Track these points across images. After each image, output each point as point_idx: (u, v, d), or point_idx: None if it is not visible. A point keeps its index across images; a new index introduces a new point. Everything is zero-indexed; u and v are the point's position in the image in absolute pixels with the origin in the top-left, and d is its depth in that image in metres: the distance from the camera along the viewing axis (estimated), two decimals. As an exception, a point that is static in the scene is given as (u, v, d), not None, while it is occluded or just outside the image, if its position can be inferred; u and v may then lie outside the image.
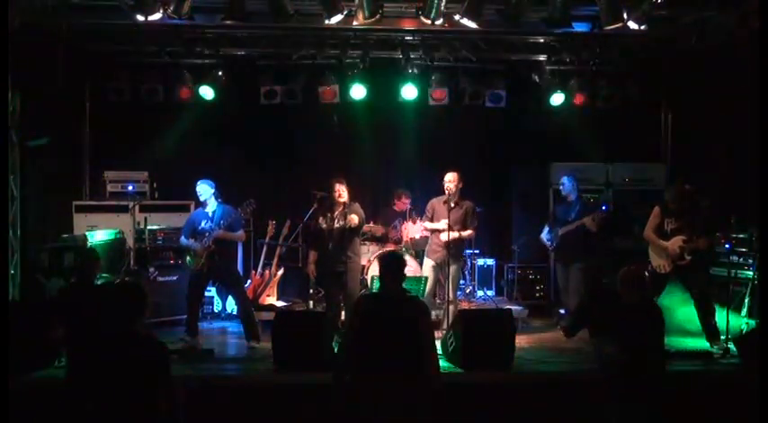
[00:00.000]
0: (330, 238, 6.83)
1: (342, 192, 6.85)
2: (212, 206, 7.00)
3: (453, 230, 7.20)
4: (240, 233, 7.09)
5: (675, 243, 6.78)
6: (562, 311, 7.94)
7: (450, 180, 7.35)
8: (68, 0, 7.01)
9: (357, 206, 6.94)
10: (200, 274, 6.98)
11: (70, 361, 4.94)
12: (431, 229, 7.50)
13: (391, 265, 4.48)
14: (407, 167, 9.58)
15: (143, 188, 8.73)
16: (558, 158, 9.16)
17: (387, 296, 4.48)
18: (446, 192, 7.33)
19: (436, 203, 7.53)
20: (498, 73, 8.82)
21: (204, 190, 6.99)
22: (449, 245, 7.19)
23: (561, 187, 7.87)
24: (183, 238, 7.09)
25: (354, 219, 6.72)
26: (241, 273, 8.10)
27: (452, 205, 7.32)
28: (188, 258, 7.07)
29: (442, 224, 7.28)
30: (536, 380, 5.94)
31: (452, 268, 7.20)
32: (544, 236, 7.93)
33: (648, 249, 7.09)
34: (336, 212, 6.86)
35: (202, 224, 6.94)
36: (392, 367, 4.16)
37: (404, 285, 4.56)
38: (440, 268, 7.36)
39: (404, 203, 8.84)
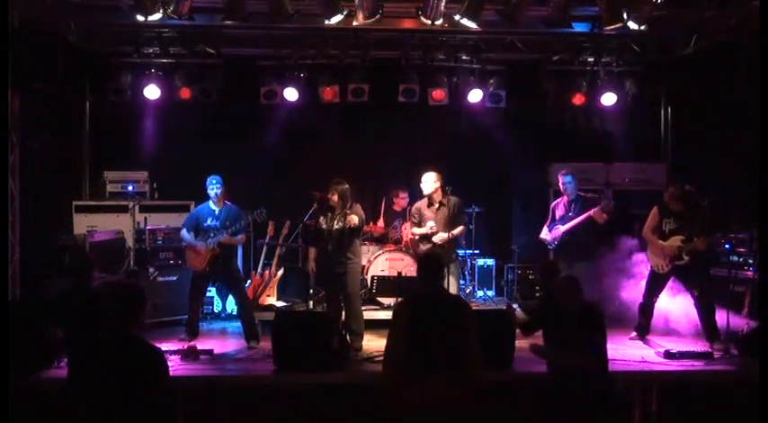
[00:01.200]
0: (330, 238, 6.82)
1: (331, 196, 6.84)
2: (220, 204, 6.99)
3: (442, 231, 7.20)
4: (241, 237, 7.09)
5: (674, 243, 6.77)
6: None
7: (425, 181, 7.34)
8: (68, 0, 7.01)
9: (358, 207, 6.93)
10: (202, 274, 6.98)
11: (69, 363, 4.94)
12: (419, 234, 7.49)
13: (432, 265, 4.55)
14: (407, 167, 9.57)
15: (143, 188, 8.73)
16: (558, 158, 9.16)
17: (429, 297, 4.49)
18: (423, 193, 7.34)
19: (421, 206, 7.52)
20: (498, 73, 8.83)
21: (218, 185, 6.95)
22: (444, 246, 7.18)
23: (568, 185, 7.74)
24: (184, 232, 7.05)
25: (354, 219, 6.71)
26: (241, 273, 8.10)
27: (437, 206, 7.33)
28: (189, 255, 7.07)
29: (429, 228, 7.29)
30: (536, 380, 5.92)
31: (450, 267, 7.19)
32: (544, 236, 7.92)
33: (647, 249, 7.09)
34: (336, 213, 6.86)
35: (208, 221, 6.92)
36: (439, 367, 4.16)
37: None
38: None
39: (402, 199, 8.86)
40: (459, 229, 7.39)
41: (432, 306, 4.38)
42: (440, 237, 7.24)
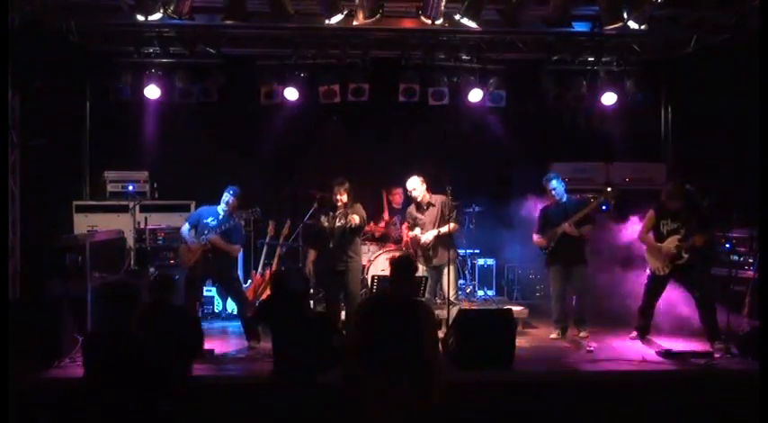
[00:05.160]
0: (331, 237, 6.83)
1: (340, 196, 6.85)
2: (228, 211, 7.00)
3: (432, 228, 7.20)
4: (236, 246, 7.06)
5: (671, 243, 6.75)
6: None
7: (412, 187, 7.30)
8: (69, 0, 7.02)
9: (359, 206, 6.94)
10: (194, 273, 6.98)
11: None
12: (412, 236, 7.51)
13: (405, 267, 4.53)
14: (407, 167, 9.55)
15: (143, 188, 8.73)
16: (558, 158, 9.15)
17: (392, 298, 4.49)
18: (412, 199, 7.34)
19: (412, 210, 7.51)
20: (498, 73, 8.83)
21: (230, 197, 6.95)
22: (427, 246, 7.19)
23: (554, 190, 7.37)
24: (185, 227, 7.07)
25: (355, 218, 6.73)
26: (241, 273, 8.10)
27: (424, 208, 7.31)
28: (182, 251, 7.09)
29: (419, 231, 7.29)
30: (536, 380, 5.93)
31: (450, 268, 7.17)
32: (538, 241, 7.55)
33: (645, 252, 7.05)
34: (338, 212, 6.87)
35: (208, 220, 6.95)
36: (395, 368, 4.16)
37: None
38: (435, 270, 7.32)
39: (397, 195, 8.88)
40: (451, 226, 7.26)
41: (389, 306, 4.37)
42: (426, 236, 7.22)
